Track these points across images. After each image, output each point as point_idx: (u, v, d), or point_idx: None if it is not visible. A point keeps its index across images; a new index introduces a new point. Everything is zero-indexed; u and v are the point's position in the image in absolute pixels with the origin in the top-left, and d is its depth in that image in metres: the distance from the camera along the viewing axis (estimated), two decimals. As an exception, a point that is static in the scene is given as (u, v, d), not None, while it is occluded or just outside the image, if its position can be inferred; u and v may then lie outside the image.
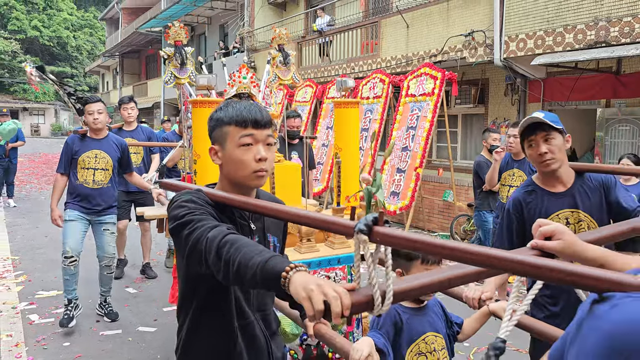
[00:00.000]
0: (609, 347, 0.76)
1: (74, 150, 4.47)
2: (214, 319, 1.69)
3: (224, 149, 1.67)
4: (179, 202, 1.60)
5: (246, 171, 1.65)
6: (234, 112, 1.66)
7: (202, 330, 1.72)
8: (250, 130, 1.64)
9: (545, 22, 7.23)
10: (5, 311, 4.87)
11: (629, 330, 0.75)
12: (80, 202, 4.46)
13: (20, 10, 45.12)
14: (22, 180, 14.71)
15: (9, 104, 43.82)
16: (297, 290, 1.15)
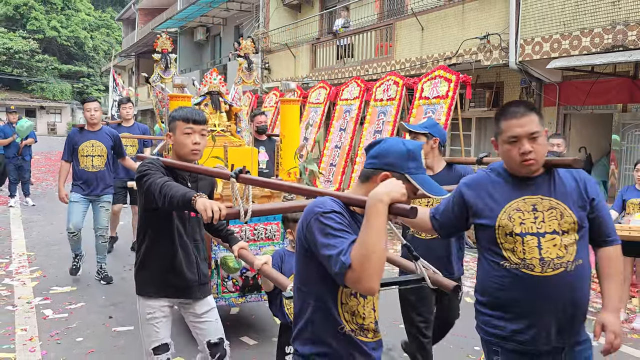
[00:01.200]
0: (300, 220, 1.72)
1: (74, 141, 5.53)
2: (163, 240, 2.65)
3: (175, 135, 2.69)
4: (143, 163, 2.61)
5: (186, 149, 2.66)
6: (182, 113, 2.68)
7: (154, 248, 2.67)
8: (190, 125, 2.65)
9: (562, 25, 7.18)
10: (20, 306, 4.94)
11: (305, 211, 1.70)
12: (83, 185, 5.49)
13: (39, 10, 45.75)
14: (38, 177, 14.90)
15: (27, 103, 44.49)
16: (199, 207, 2.12)
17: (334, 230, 1.63)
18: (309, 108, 11.92)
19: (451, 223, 2.34)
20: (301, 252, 1.75)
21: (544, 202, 2.10)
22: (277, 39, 15.20)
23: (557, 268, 2.03)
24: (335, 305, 1.74)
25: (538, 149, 2.07)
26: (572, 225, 2.07)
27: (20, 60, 44.51)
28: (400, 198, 1.61)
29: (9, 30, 44.71)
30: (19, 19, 45.75)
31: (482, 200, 2.18)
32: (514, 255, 2.08)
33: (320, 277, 1.70)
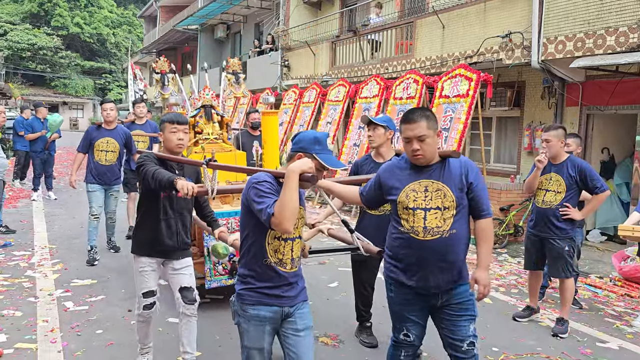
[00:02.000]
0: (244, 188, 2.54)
1: (92, 137, 6.35)
2: (151, 214, 3.48)
3: (164, 133, 3.51)
4: (140, 156, 3.43)
5: (172, 144, 3.48)
6: (169, 117, 3.52)
7: (146, 217, 3.51)
8: (175, 125, 3.47)
9: (586, 23, 7.06)
10: (42, 297, 5.03)
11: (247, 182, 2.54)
12: (97, 176, 6.38)
13: (63, 7, 46.45)
14: (60, 172, 15.14)
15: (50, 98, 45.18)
16: (178, 186, 2.98)
17: (264, 193, 2.41)
18: (328, 106, 11.91)
19: (373, 198, 3.08)
20: (244, 210, 2.55)
21: (434, 185, 2.79)
22: (297, 36, 15.22)
23: (435, 235, 2.76)
24: (264, 244, 2.52)
25: (425, 147, 2.74)
26: (452, 203, 2.76)
27: (44, 56, 45.25)
28: (307, 170, 2.35)
29: (34, 26, 45.47)
30: (44, 15, 46.51)
31: (391, 181, 2.91)
32: (407, 223, 2.82)
33: (255, 224, 2.49)
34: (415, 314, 2.92)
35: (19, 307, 4.77)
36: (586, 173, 4.46)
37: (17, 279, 5.55)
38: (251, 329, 2.54)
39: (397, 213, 2.86)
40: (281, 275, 2.54)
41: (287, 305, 2.56)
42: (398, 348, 3.01)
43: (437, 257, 2.76)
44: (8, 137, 16.67)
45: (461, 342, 2.83)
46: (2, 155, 6.59)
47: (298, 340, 2.58)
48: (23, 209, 9.58)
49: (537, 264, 4.81)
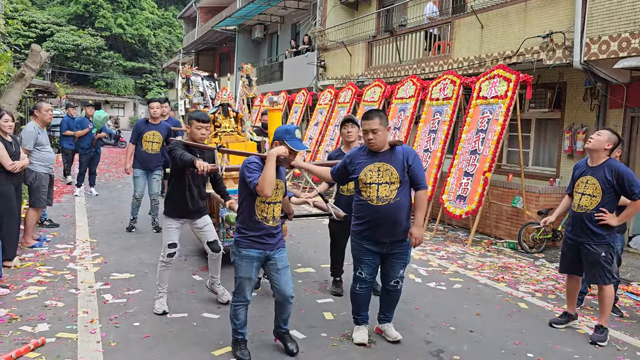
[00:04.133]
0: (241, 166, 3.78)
1: (140, 129, 7.66)
2: (179, 183, 4.61)
3: (191, 128, 4.63)
4: (172, 143, 4.60)
5: (197, 137, 4.62)
6: (196, 116, 4.63)
7: (174, 187, 4.62)
8: (200, 123, 4.61)
9: (632, 23, 6.84)
10: (82, 289, 5.19)
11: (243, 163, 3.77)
12: (142, 163, 7.63)
13: (106, 9, 47.73)
14: (101, 169, 15.56)
15: (93, 97, 46.46)
16: (197, 164, 4.21)
17: (252, 169, 3.59)
18: (364, 106, 11.88)
19: (342, 176, 4.18)
20: (240, 181, 3.70)
21: (384, 166, 3.91)
22: (333, 36, 15.24)
23: (385, 201, 3.89)
24: (254, 205, 3.68)
25: (377, 137, 3.87)
26: (396, 179, 3.89)
27: (88, 56, 46.61)
28: (281, 154, 3.55)
29: (79, 27, 46.89)
30: (88, 17, 47.90)
31: (354, 164, 4.01)
32: (365, 193, 3.96)
33: (247, 192, 3.66)
34: (368, 258, 4.07)
35: (61, 298, 4.93)
36: (624, 177, 4.29)
37: (59, 271, 5.74)
38: (243, 264, 3.73)
39: (359, 187, 4.01)
40: (265, 228, 3.70)
41: (269, 250, 3.75)
42: (356, 282, 4.17)
43: (386, 217, 3.89)
44: (53, 134, 17.26)
45: (392, 279, 4.09)
46: (50, 149, 6.83)
47: (279, 276, 3.79)
48: (66, 204, 9.90)
49: (573, 268, 4.69)
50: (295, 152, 3.61)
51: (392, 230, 3.92)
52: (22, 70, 8.23)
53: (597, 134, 4.43)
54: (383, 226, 3.90)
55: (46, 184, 6.73)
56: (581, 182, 4.52)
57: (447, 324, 4.66)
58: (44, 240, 6.95)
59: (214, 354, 3.90)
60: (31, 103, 11.35)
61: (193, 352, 3.93)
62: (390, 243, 3.97)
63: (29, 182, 6.58)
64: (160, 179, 7.96)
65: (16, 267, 5.76)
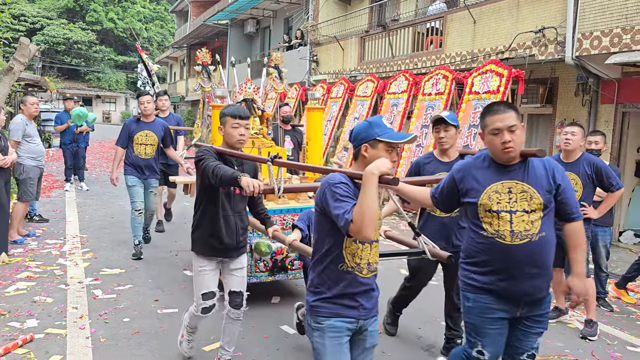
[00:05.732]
0: (318, 190, 2.34)
1: (131, 130, 6.17)
2: (211, 209, 3.36)
3: (224, 128, 3.35)
4: (201, 150, 3.31)
5: (234, 139, 3.32)
6: (230, 110, 3.34)
7: (205, 214, 3.39)
8: (237, 120, 3.30)
9: (624, 18, 6.85)
10: (72, 285, 5.15)
11: (322, 182, 2.33)
12: (136, 170, 6.18)
13: (97, 2, 47.37)
14: (92, 164, 15.46)
15: (84, 92, 46.22)
16: (243, 183, 2.82)
17: (341, 196, 2.24)
18: (356, 101, 11.86)
19: (447, 200, 2.88)
20: (318, 212, 2.38)
21: (518, 186, 2.61)
22: (326, 31, 15.19)
23: (524, 238, 2.57)
24: (341, 248, 2.35)
25: (516, 140, 2.56)
26: (539, 206, 2.58)
27: (79, 50, 46.26)
28: (387, 171, 2.18)
29: (69, 21, 46.50)
30: (79, 10, 47.52)
31: (468, 182, 2.72)
32: (491, 227, 2.63)
33: (331, 229, 2.33)
34: (495, 327, 2.66)
35: (50, 294, 4.89)
36: (602, 171, 4.40)
37: (49, 267, 5.69)
38: (327, 342, 2.35)
39: (478, 216, 2.66)
40: (358, 282, 2.36)
41: (363, 318, 2.39)
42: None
43: (527, 262, 2.57)
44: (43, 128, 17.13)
45: (523, 353, 2.72)
46: (38, 142, 6.77)
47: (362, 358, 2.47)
48: (56, 198, 9.83)
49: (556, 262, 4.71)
50: (397, 146, 2.36)
51: (536, 283, 2.61)
52: (11, 63, 8.13)
53: (572, 133, 4.47)
54: (522, 277, 2.59)
55: (34, 177, 6.67)
56: None
57: (439, 319, 4.66)
58: (32, 236, 6.89)
59: (204, 350, 3.88)
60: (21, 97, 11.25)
61: (183, 347, 3.90)
62: (530, 302, 2.65)
63: (17, 175, 6.52)
64: (157, 192, 6.67)
65: (5, 262, 5.71)
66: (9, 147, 6.04)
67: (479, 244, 2.67)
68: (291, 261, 4.73)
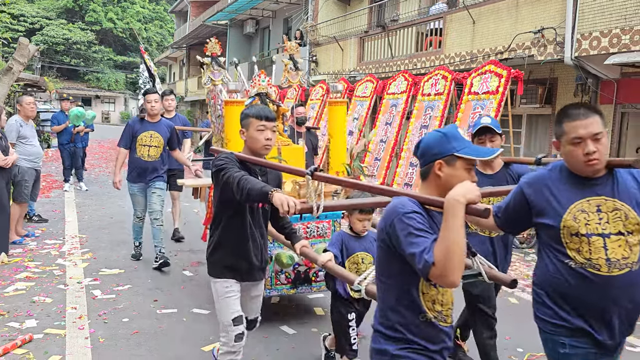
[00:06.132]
0: (382, 217, 1.85)
1: (134, 130, 5.72)
2: (235, 227, 2.95)
3: (248, 131, 2.91)
4: (220, 157, 2.85)
5: (259, 145, 2.89)
6: (255, 111, 2.90)
7: (227, 232, 2.95)
8: (263, 122, 2.86)
9: (623, 19, 6.86)
10: (71, 285, 5.15)
11: (387, 209, 1.84)
12: (138, 176, 5.73)
13: (97, 2, 47.35)
14: (91, 164, 15.45)
15: (83, 92, 46.20)
16: (276, 201, 2.39)
17: (416, 230, 1.78)
18: (355, 101, 11.86)
19: (514, 220, 2.39)
20: (383, 248, 1.92)
21: (608, 203, 2.13)
22: (325, 31, 15.19)
23: (623, 268, 2.08)
24: (417, 295, 1.89)
25: (602, 149, 2.10)
26: (637, 227, 2.10)
27: (78, 50, 46.24)
28: (475, 199, 1.73)
29: (69, 21, 46.48)
30: (78, 10, 47.50)
31: (544, 199, 2.21)
32: (580, 255, 2.12)
33: (402, 270, 1.87)
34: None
35: (49, 294, 4.89)
36: None
37: (48, 267, 5.69)
38: None
39: (560, 241, 2.16)
40: (442, 331, 1.94)
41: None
42: None
43: (626, 297, 2.10)
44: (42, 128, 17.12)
45: None
46: (35, 143, 6.74)
47: None
48: (55, 199, 9.82)
49: None
50: (475, 163, 1.92)
51: (631, 319, 2.19)
52: (10, 64, 8.13)
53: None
54: (620, 312, 2.13)
55: (30, 178, 6.64)
56: None
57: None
58: (32, 236, 6.88)
59: (203, 350, 3.88)
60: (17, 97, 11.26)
61: (182, 347, 3.90)
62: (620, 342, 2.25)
63: (12, 176, 6.52)
64: (163, 194, 5.98)
65: (4, 262, 5.70)
66: (10, 148, 6.03)
67: (565, 277, 2.16)
68: (315, 272, 4.29)
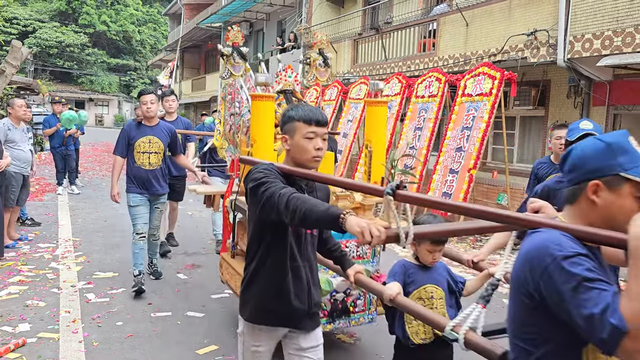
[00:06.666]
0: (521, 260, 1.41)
1: (131, 136, 5.12)
2: (273, 259, 2.26)
3: (292, 138, 2.26)
4: (258, 169, 2.19)
5: (307, 155, 2.24)
6: (304, 113, 2.25)
7: (265, 265, 2.28)
8: (313, 127, 2.23)
9: (615, 21, 6.91)
10: (65, 289, 5.12)
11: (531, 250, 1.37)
12: (140, 186, 5.14)
13: (90, 5, 47.23)
14: (85, 167, 15.39)
15: (76, 95, 46.04)
16: (352, 226, 1.75)
17: (588, 281, 1.24)
18: (349, 103, 11.88)
19: None
20: (527, 305, 1.40)
21: None
22: (319, 34, 15.20)
23: None
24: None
25: None
26: None
27: (72, 53, 46.09)
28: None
29: (62, 24, 46.33)
30: (71, 13, 47.35)
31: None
32: None
33: (557, 335, 1.36)
34: None
35: (42, 297, 4.86)
36: None
37: (41, 270, 5.66)
38: None
39: None
40: None
41: None
42: None
43: None
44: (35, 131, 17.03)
45: None
46: (23, 148, 6.66)
47: None
48: (49, 202, 9.77)
49: None
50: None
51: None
52: (3, 66, 8.10)
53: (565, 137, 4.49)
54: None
55: (17, 184, 6.55)
56: None
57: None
58: (25, 239, 6.84)
59: (198, 353, 3.86)
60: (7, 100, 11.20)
61: (177, 351, 3.89)
62: None
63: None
64: (165, 209, 5.64)
65: (-3, 266, 5.67)
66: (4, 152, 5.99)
67: None
68: (353, 301, 3.60)
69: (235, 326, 4.30)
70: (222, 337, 4.12)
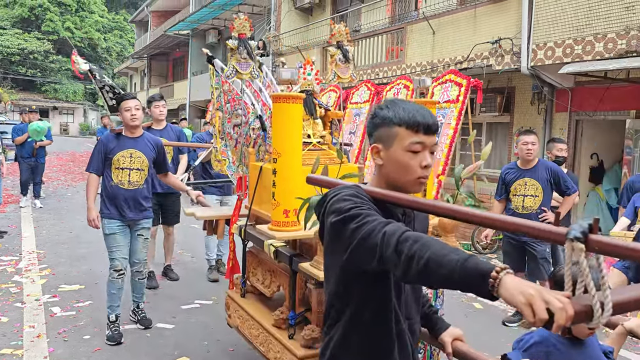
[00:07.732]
0: None
1: (108, 149, 4.19)
2: (374, 323, 1.59)
3: (388, 150, 1.61)
4: (341, 196, 1.55)
5: (411, 177, 1.59)
6: (406, 115, 1.58)
7: (358, 333, 1.60)
8: (421, 136, 1.57)
9: (575, 30, 7.12)
10: (29, 303, 4.97)
11: None
12: (117, 209, 4.19)
13: (54, 12, 46.24)
14: (50, 177, 15.01)
15: (40, 103, 44.87)
16: (512, 294, 1.10)
17: None
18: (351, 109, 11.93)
19: None
20: None
21: None
22: (288, 42, 15.24)
23: None
24: None
25: None
26: None
27: (35, 60, 44.99)
28: None
29: (24, 31, 45.22)
30: (34, 20, 46.25)
31: None
32: None
33: None
34: None
35: (5, 312, 4.71)
36: (559, 175, 4.69)
37: (4, 284, 5.48)
38: None
39: None
40: None
41: None
42: None
43: None
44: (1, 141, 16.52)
45: None
46: None
47: None
48: (11, 213, 9.49)
49: (518, 266, 4.91)
50: None
51: None
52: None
53: (532, 143, 4.73)
54: None
55: None
56: (519, 185, 4.75)
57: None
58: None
59: (169, 365, 3.80)
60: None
61: (147, 364, 3.81)
62: None
63: None
64: (149, 236, 4.58)
65: (-44, 281, 5.47)
66: None
67: None
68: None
69: (205, 338, 4.25)
70: (192, 348, 4.06)
